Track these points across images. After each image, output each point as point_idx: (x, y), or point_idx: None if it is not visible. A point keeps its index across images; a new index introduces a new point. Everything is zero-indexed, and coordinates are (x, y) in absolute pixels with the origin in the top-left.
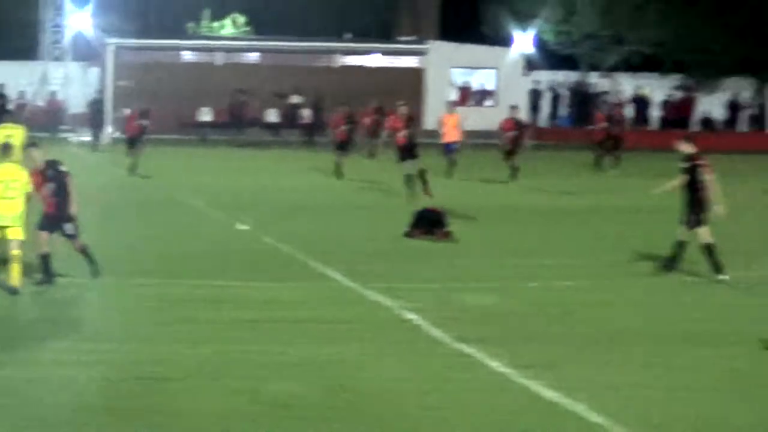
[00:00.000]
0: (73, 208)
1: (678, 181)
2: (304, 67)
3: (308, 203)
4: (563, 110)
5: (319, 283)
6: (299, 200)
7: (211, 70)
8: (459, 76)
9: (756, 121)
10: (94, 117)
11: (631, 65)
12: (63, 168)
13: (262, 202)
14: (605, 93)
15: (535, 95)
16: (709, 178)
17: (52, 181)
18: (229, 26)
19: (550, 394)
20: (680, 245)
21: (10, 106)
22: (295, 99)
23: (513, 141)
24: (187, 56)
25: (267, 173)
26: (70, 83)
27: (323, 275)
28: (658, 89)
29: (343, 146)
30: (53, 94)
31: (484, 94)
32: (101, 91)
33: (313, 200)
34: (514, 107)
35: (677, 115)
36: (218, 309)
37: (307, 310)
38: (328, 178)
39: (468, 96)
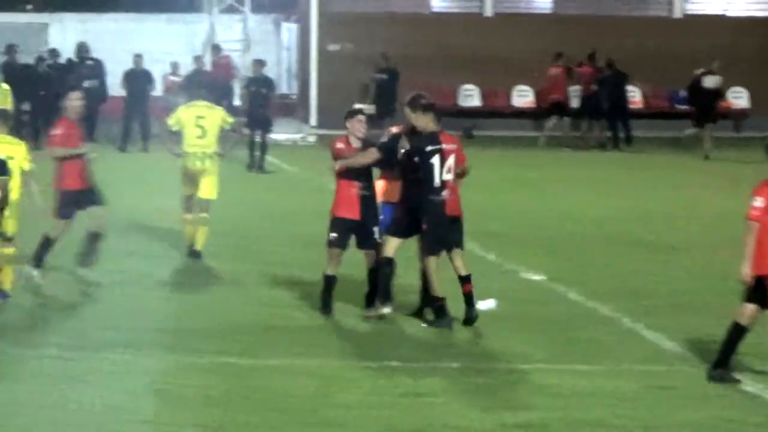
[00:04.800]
0: None
1: None
2: (623, 18)
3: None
4: None
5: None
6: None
7: (478, 24)
8: None
9: None
10: (254, 111)
11: None
12: None
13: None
14: None
15: None
16: None
17: None
18: None
19: None
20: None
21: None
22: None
23: None
24: (437, 4)
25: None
26: (251, 47)
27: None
28: None
29: None
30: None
31: None
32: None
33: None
34: None
35: None
36: None
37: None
38: None
39: None
